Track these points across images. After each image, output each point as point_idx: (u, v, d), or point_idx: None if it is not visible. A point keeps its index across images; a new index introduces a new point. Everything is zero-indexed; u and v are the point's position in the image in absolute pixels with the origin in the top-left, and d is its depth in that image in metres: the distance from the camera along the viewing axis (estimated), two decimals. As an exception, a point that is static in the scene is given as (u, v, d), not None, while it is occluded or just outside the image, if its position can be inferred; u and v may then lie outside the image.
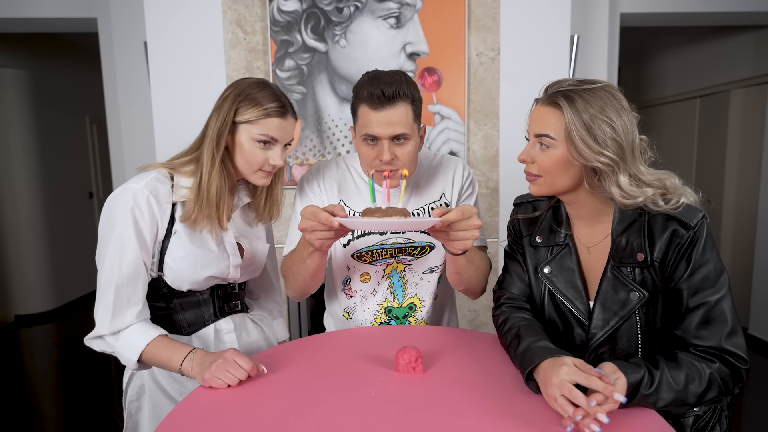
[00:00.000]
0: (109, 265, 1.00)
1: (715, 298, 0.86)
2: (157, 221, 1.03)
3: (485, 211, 2.28)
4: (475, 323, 2.34)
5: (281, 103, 1.05)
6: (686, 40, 4.11)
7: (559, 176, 0.93)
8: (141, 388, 1.12)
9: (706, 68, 3.99)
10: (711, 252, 0.88)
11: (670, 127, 4.42)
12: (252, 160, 1.06)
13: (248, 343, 1.20)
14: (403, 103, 1.08)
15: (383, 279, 1.26)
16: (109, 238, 1.01)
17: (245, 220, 1.21)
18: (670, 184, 0.93)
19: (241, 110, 1.04)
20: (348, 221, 0.93)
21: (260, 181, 1.09)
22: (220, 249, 1.11)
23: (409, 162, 1.13)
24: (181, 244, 1.05)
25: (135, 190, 1.01)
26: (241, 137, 1.05)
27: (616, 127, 0.88)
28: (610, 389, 0.75)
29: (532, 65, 2.21)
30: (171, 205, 1.05)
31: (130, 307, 1.01)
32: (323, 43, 2.17)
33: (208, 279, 1.09)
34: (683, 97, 4.23)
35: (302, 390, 0.92)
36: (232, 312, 1.18)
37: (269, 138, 1.05)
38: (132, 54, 2.67)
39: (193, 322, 1.12)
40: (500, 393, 0.89)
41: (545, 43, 2.21)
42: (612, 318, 0.93)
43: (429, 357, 1.03)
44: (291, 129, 1.08)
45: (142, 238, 1.02)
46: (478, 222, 0.96)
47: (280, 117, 1.04)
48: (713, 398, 0.84)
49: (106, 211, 1.02)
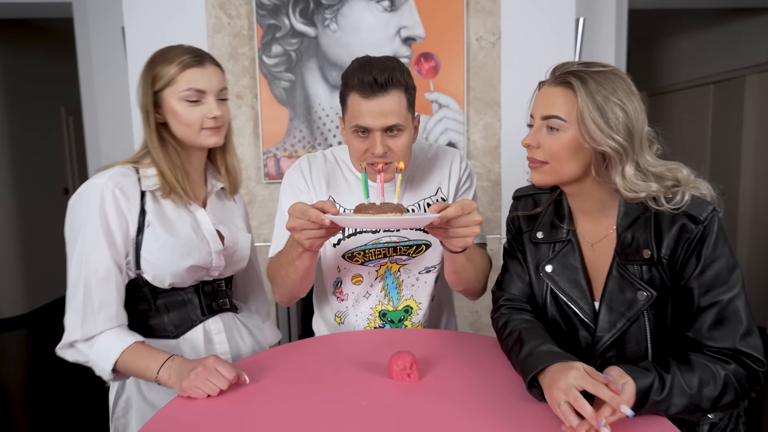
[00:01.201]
0: (76, 266, 0.99)
1: (728, 297, 0.86)
2: (125, 215, 1.03)
3: (486, 205, 2.27)
4: (476, 325, 2.34)
5: (196, 53, 1.05)
6: (699, 23, 4.10)
7: (567, 162, 0.92)
8: (128, 403, 1.11)
9: (720, 53, 3.98)
10: (723, 247, 0.87)
11: (683, 115, 4.41)
12: (188, 121, 1.05)
13: (239, 346, 1.19)
14: (397, 91, 1.07)
15: (377, 281, 1.25)
16: (75, 238, 1.00)
17: (222, 208, 1.21)
18: (681, 176, 0.92)
19: (157, 76, 1.04)
20: (340, 218, 0.91)
21: (210, 140, 1.08)
22: (198, 236, 1.11)
23: (404, 155, 1.11)
24: (156, 235, 1.04)
25: (99, 185, 1.01)
26: (170, 104, 1.05)
27: (628, 111, 0.88)
28: (617, 400, 0.74)
29: (535, 50, 2.20)
30: (139, 196, 1.05)
31: (102, 309, 1.00)
32: (313, 27, 2.15)
33: (190, 270, 1.08)
34: (696, 83, 4.22)
35: (288, 399, 0.90)
36: (220, 310, 1.17)
37: (195, 91, 1.04)
38: (109, 40, 2.65)
39: (180, 323, 1.11)
40: (501, 401, 0.88)
41: (549, 27, 2.20)
42: (619, 320, 0.93)
43: (425, 363, 1.02)
44: (216, 77, 1.07)
45: (111, 235, 1.01)
46: (479, 218, 0.95)
47: (198, 66, 1.04)
48: (729, 402, 0.83)
49: (70, 211, 1.02)
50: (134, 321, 1.08)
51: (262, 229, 2.25)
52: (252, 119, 2.21)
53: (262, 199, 2.25)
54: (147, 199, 1.06)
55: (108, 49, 2.66)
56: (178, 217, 1.10)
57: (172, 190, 1.07)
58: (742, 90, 3.74)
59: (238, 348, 1.19)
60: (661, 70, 4.60)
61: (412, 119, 1.14)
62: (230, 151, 1.20)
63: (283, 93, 2.18)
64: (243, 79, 2.20)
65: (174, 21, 2.16)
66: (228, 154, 1.20)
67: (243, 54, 2.19)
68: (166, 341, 1.10)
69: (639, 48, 4.78)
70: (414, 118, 1.15)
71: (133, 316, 1.08)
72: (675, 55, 4.44)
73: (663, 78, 4.60)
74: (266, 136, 2.20)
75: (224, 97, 1.09)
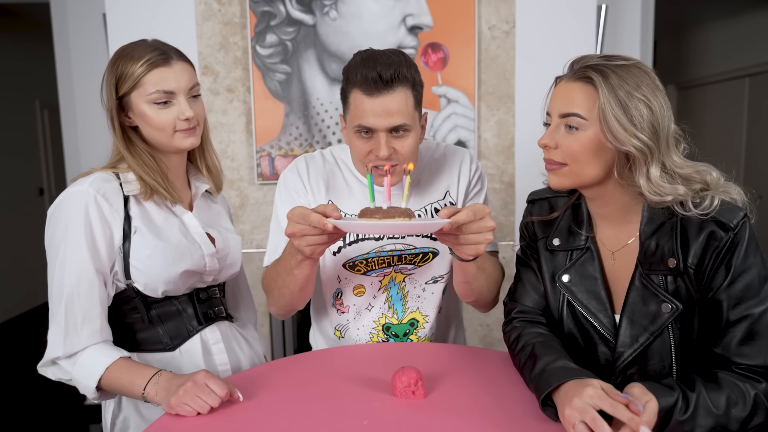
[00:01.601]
0: (58, 279, 1.02)
1: (760, 310, 0.87)
2: (110, 223, 1.05)
3: (499, 209, 2.29)
4: (487, 340, 2.36)
5: (161, 50, 1.07)
6: (733, 10, 4.12)
7: (588, 164, 0.94)
8: (125, 423, 1.13)
9: (756, 42, 3.99)
10: (755, 256, 0.89)
11: (715, 111, 4.43)
12: (159, 125, 1.07)
13: (239, 358, 1.22)
14: (403, 88, 1.09)
15: (380, 292, 1.27)
16: (56, 249, 1.03)
17: (209, 210, 1.25)
18: (711, 179, 0.94)
19: (122, 78, 1.06)
20: (344, 223, 0.93)
21: (185, 142, 1.10)
22: (189, 240, 1.14)
23: (411, 157, 1.14)
24: (145, 241, 1.07)
25: (80, 192, 1.03)
26: (138, 107, 1.07)
27: (653, 107, 0.89)
28: (636, 421, 0.75)
29: (553, 40, 2.22)
30: (123, 203, 1.08)
31: (86, 324, 1.02)
32: (311, 14, 2.18)
33: (184, 275, 1.10)
34: (730, 76, 4.24)
35: (284, 418, 0.92)
36: (216, 318, 1.20)
37: (163, 92, 1.06)
38: (89, 28, 2.68)
39: (176, 334, 1.14)
40: (512, 421, 0.89)
41: (568, 14, 2.22)
42: (641, 334, 0.94)
43: (431, 379, 1.04)
44: (186, 75, 1.09)
45: (94, 245, 1.03)
46: (492, 223, 0.97)
47: (164, 65, 1.06)
48: (760, 424, 0.85)
49: (50, 220, 1.05)
50: (123, 336, 1.10)
51: (255, 233, 2.28)
52: (244, 115, 2.24)
53: (255, 201, 2.28)
54: (131, 204, 1.09)
55: (88, 38, 2.69)
56: (165, 221, 1.12)
57: (154, 192, 1.09)
58: (781, 83, 3.76)
59: (238, 359, 1.21)
60: (692, 61, 4.62)
61: (419, 118, 1.16)
62: (209, 149, 1.23)
63: (278, 86, 2.21)
64: (235, 71, 2.23)
65: (160, 7, 2.19)
66: (207, 153, 1.23)
67: (235, 44, 2.22)
68: (162, 354, 1.12)
69: (667, 37, 4.80)
70: (421, 116, 1.17)
71: (122, 330, 1.10)
72: (707, 45, 4.46)
73: (694, 70, 4.62)
74: (260, 133, 2.22)
75: (196, 93, 1.12)
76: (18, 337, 4.21)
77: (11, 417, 2.91)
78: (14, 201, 4.60)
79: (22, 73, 4.68)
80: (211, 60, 2.21)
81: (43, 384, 3.21)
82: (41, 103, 4.92)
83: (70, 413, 2.89)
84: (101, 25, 2.43)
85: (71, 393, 3.06)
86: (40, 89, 4.81)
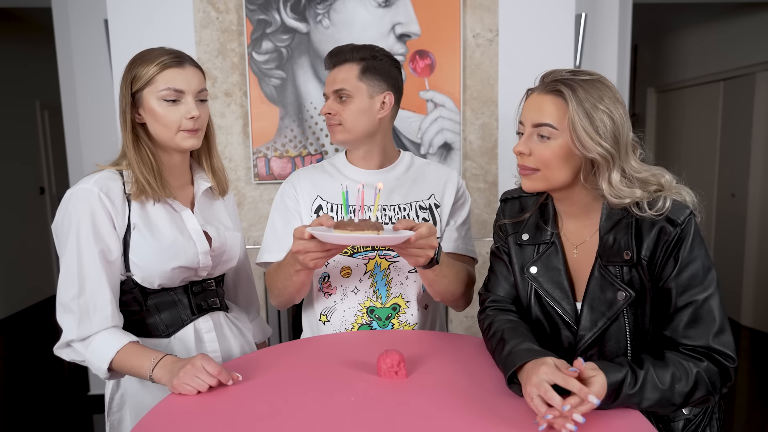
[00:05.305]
0: (68, 268, 1.10)
1: (703, 297, 0.96)
2: (112, 218, 1.13)
3: (483, 207, 2.37)
4: (472, 330, 2.43)
5: (175, 54, 1.15)
6: (708, 18, 4.22)
7: (558, 170, 1.02)
8: (122, 399, 1.22)
9: (730, 49, 4.10)
10: (699, 249, 0.98)
11: (691, 113, 4.53)
12: (166, 121, 1.14)
13: (230, 345, 1.30)
14: (349, 65, 1.31)
15: (366, 276, 1.37)
16: (65, 243, 1.10)
17: (210, 208, 1.32)
18: (664, 181, 1.02)
19: (137, 77, 1.14)
20: (320, 234, 1.06)
21: (186, 143, 1.16)
22: (185, 237, 1.20)
23: (351, 120, 1.31)
24: (142, 239, 1.15)
25: (85, 189, 1.11)
26: (148, 103, 1.14)
27: (614, 118, 0.98)
28: (585, 391, 0.84)
29: (534, 48, 2.29)
30: (124, 201, 1.15)
31: (98, 310, 1.10)
32: (304, 23, 2.25)
33: (177, 270, 1.18)
34: (705, 80, 4.34)
35: (278, 396, 1.00)
36: (210, 309, 1.27)
37: (174, 91, 1.13)
38: (91, 33, 2.72)
39: (171, 323, 1.21)
40: (484, 397, 0.98)
41: (549, 23, 2.29)
42: (600, 319, 1.03)
43: (413, 361, 1.12)
44: (196, 78, 1.17)
45: (101, 238, 1.11)
46: (435, 243, 1.11)
47: (177, 66, 1.14)
48: (700, 398, 0.94)
49: (59, 216, 1.13)
50: (127, 321, 1.18)
51: (252, 231, 2.35)
52: (241, 118, 2.31)
53: (252, 201, 2.35)
54: (132, 202, 1.16)
55: (90, 43, 2.73)
56: (163, 219, 1.19)
57: (141, 192, 1.15)
58: (753, 87, 3.86)
59: (229, 347, 1.29)
60: (670, 66, 4.72)
61: (368, 91, 1.31)
62: (214, 153, 1.31)
63: (273, 91, 2.28)
64: (232, 76, 2.29)
65: (160, 16, 2.24)
66: (212, 157, 1.31)
67: (232, 50, 2.28)
68: (158, 340, 1.20)
69: (646, 44, 4.90)
70: (373, 92, 1.31)
71: (126, 316, 1.18)
72: (684, 50, 4.56)
73: (671, 74, 4.72)
74: (256, 135, 2.29)
75: (203, 98, 1.19)
76: (21, 332, 4.24)
77: (17, 407, 2.98)
78: (16, 199, 4.63)
79: (24, 74, 4.70)
80: (209, 65, 2.27)
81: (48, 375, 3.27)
82: (41, 104, 4.95)
83: (74, 403, 2.96)
84: (103, 31, 2.47)
85: (76, 384, 3.13)
86: (40, 91, 4.84)
